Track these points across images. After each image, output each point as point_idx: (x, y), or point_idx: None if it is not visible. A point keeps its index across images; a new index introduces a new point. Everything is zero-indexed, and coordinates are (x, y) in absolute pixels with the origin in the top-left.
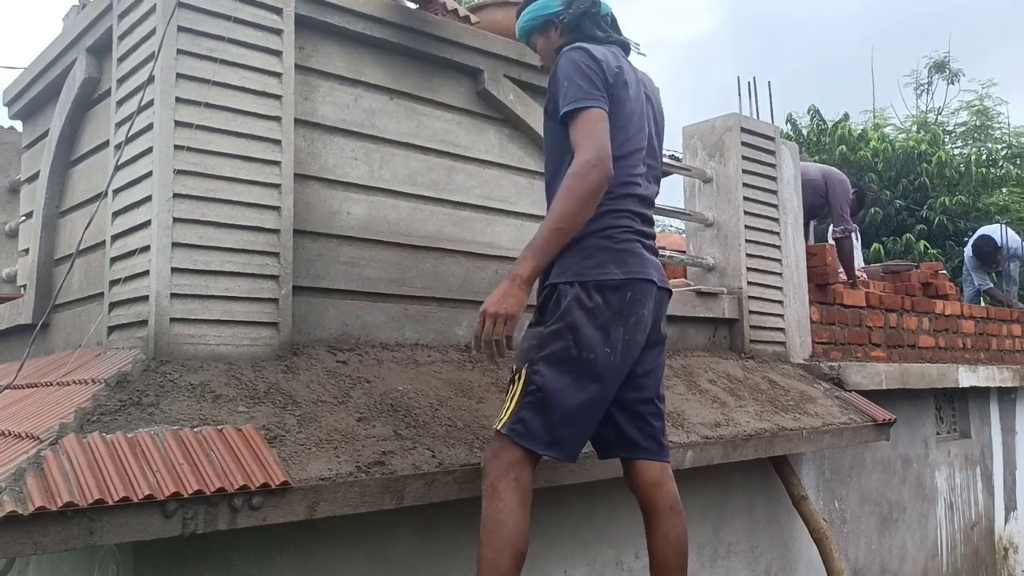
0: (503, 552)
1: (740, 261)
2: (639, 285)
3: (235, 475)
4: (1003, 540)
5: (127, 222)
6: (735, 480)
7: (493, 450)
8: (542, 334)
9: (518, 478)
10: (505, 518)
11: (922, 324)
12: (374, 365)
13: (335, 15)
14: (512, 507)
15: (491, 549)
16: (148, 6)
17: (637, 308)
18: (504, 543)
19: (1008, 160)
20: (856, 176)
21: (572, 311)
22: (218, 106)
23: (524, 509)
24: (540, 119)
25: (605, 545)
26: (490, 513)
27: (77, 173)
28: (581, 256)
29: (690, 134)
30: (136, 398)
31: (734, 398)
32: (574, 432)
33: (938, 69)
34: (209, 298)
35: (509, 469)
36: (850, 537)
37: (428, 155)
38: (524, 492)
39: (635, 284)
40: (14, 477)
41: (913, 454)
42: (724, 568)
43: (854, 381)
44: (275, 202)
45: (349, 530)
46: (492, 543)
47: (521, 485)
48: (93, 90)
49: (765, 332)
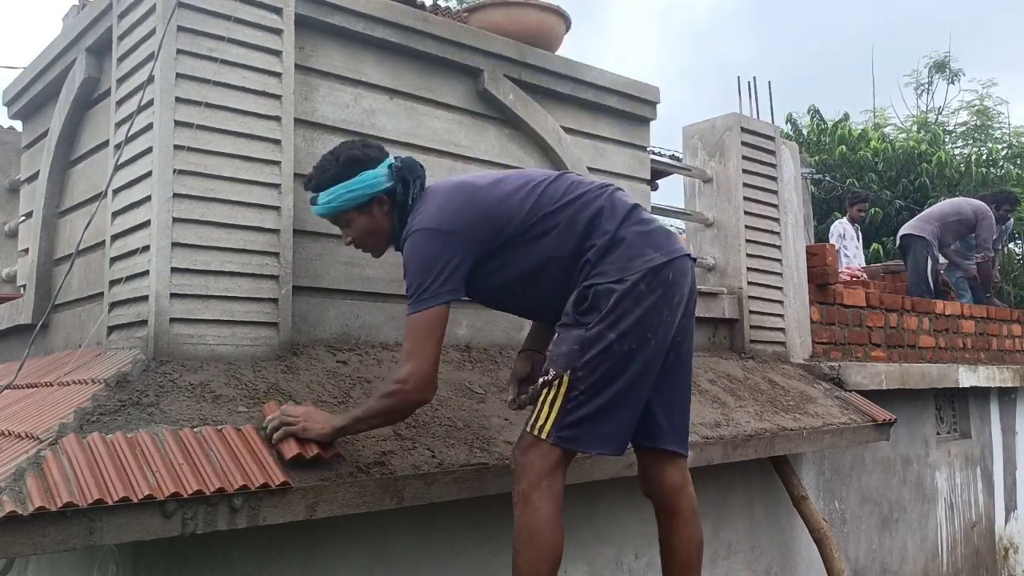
0: (540, 563)
1: (740, 261)
2: (679, 262)
3: (235, 475)
4: (1003, 540)
5: (127, 222)
6: (735, 480)
7: (527, 458)
8: (583, 338)
9: (551, 486)
10: (541, 528)
11: (922, 324)
12: (374, 365)
13: (335, 15)
14: (548, 516)
15: (528, 561)
16: (148, 6)
17: (679, 287)
18: (542, 554)
19: (1008, 160)
20: (856, 176)
21: (616, 308)
22: (218, 106)
23: (559, 518)
24: (540, 119)
25: (605, 545)
26: (525, 523)
27: (77, 173)
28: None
29: (690, 134)
30: (136, 398)
31: (734, 398)
32: (623, 426)
33: (938, 69)
34: (209, 298)
35: (543, 477)
36: (850, 537)
37: (428, 155)
38: (558, 500)
39: (675, 262)
40: (14, 477)
41: (913, 454)
42: (724, 568)
43: (854, 381)
44: (275, 202)
45: (349, 530)
46: (529, 554)
47: (555, 493)
48: (93, 90)
49: (765, 332)
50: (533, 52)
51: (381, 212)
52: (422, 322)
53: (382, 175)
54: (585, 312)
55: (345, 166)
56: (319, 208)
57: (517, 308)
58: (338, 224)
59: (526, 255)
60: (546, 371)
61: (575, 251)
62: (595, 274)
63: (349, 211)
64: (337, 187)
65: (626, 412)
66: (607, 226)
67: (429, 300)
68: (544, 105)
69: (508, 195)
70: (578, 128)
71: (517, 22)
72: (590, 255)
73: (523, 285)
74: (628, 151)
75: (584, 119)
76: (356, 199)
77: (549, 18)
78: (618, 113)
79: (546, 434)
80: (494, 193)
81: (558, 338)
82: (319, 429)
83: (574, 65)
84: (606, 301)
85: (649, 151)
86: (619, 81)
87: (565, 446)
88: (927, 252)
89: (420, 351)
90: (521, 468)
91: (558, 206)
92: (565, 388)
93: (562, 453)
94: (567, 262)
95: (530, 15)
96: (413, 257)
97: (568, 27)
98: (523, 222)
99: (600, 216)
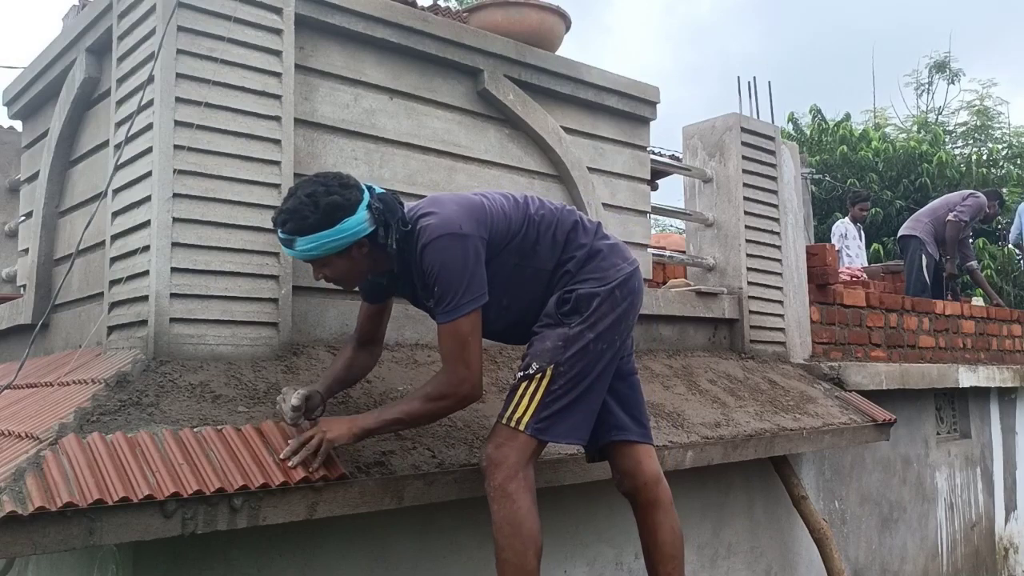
0: (526, 553)
1: (740, 261)
2: (639, 271)
3: (234, 475)
4: (1003, 540)
5: (127, 222)
6: (735, 480)
7: (501, 452)
8: (567, 335)
9: (527, 477)
10: (523, 519)
11: (922, 324)
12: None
13: (335, 15)
14: (527, 507)
15: (514, 552)
16: (148, 6)
17: (641, 295)
18: (526, 544)
19: (1009, 160)
20: (857, 176)
21: (596, 312)
22: (218, 106)
23: (535, 506)
24: (540, 119)
25: (605, 545)
26: (506, 516)
27: (77, 173)
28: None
29: (690, 134)
30: (136, 398)
31: (734, 398)
32: (588, 417)
33: (938, 69)
34: (209, 298)
35: (519, 469)
36: (850, 537)
37: (428, 155)
38: (533, 489)
39: (637, 271)
40: (14, 477)
41: (913, 454)
42: (724, 568)
43: (854, 381)
44: (275, 202)
45: (349, 530)
46: (515, 546)
47: (529, 483)
48: (93, 90)
49: (765, 332)
50: (533, 52)
51: (360, 254)
52: (463, 329)
53: (363, 220)
54: (567, 313)
55: (326, 215)
56: (296, 253)
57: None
58: (312, 264)
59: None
60: (527, 366)
61: (556, 262)
62: (576, 282)
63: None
64: (317, 235)
65: (592, 405)
66: (583, 240)
67: (468, 304)
68: (544, 105)
69: (506, 207)
70: (578, 128)
71: (517, 22)
72: (570, 266)
73: (508, 294)
74: (628, 151)
75: (584, 119)
76: (338, 247)
77: (549, 18)
78: (618, 113)
79: (524, 425)
80: (494, 206)
81: (540, 336)
82: (345, 433)
83: (574, 65)
84: (587, 305)
85: (649, 151)
86: (619, 81)
87: (540, 437)
88: (921, 250)
89: (467, 355)
90: (495, 462)
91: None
92: (547, 381)
93: (537, 444)
94: (548, 272)
95: (530, 15)
96: (440, 263)
97: (568, 27)
98: (515, 234)
99: (576, 231)
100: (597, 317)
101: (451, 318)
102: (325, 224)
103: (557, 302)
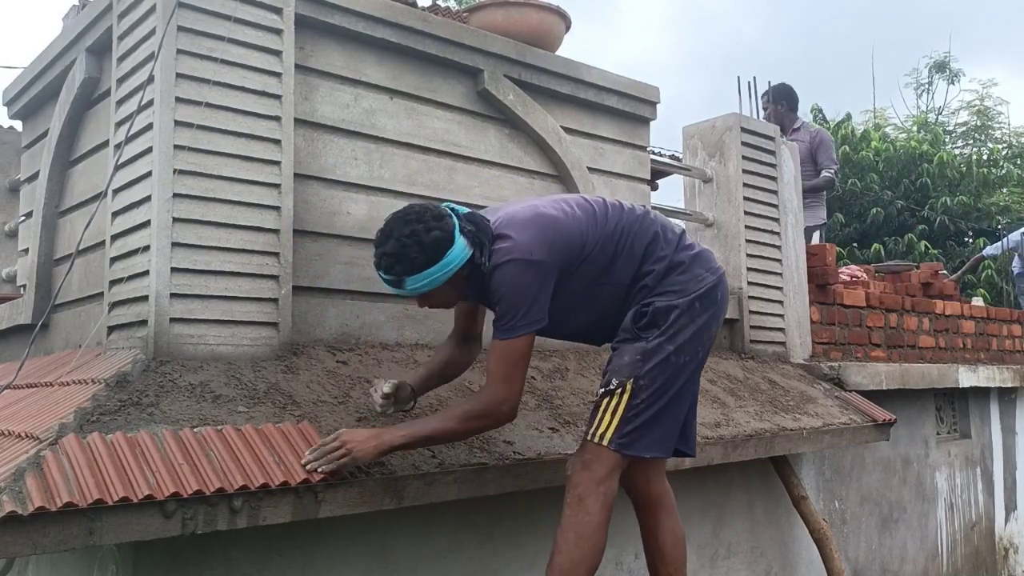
0: (581, 565)
1: (740, 261)
2: (723, 281)
3: (234, 475)
4: (1003, 540)
5: (127, 222)
6: (735, 480)
7: (584, 461)
8: (645, 349)
9: (607, 492)
10: (590, 533)
11: (922, 324)
12: (374, 365)
13: (335, 15)
14: (598, 523)
15: (571, 560)
16: (148, 6)
17: (725, 305)
18: (585, 557)
19: (1009, 160)
20: (858, 176)
21: (674, 324)
22: (218, 106)
23: (606, 525)
24: (540, 119)
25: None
26: (575, 524)
27: (77, 173)
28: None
29: (690, 134)
30: (136, 398)
31: (734, 398)
32: (672, 430)
33: (938, 69)
34: (209, 298)
35: (600, 483)
36: (850, 537)
37: (428, 155)
38: (610, 508)
39: (722, 281)
40: (14, 477)
41: (913, 454)
42: (724, 568)
43: (854, 381)
44: (275, 202)
45: (349, 530)
46: (573, 554)
47: (608, 500)
48: (93, 90)
49: (765, 332)
50: (533, 52)
51: (460, 276)
52: (516, 349)
53: (463, 247)
54: (645, 327)
55: (433, 252)
56: (405, 292)
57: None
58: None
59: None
60: (607, 382)
61: (634, 275)
62: (654, 295)
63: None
64: (426, 272)
65: (676, 418)
66: (662, 252)
67: (524, 327)
68: (544, 105)
69: (583, 224)
70: (578, 128)
71: (517, 22)
72: (647, 280)
73: (583, 307)
74: (628, 151)
75: (584, 119)
76: (446, 278)
77: (549, 18)
78: (618, 113)
79: (608, 441)
80: (571, 223)
81: (618, 352)
82: (371, 451)
83: (574, 65)
84: (665, 318)
85: (649, 151)
86: (619, 81)
87: (624, 452)
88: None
89: (512, 377)
90: (579, 475)
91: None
92: (628, 396)
93: (619, 458)
94: (624, 287)
95: (530, 15)
96: (508, 286)
97: (568, 27)
98: (590, 252)
99: (655, 243)
100: (676, 329)
101: (506, 337)
102: (433, 260)
103: (634, 316)
